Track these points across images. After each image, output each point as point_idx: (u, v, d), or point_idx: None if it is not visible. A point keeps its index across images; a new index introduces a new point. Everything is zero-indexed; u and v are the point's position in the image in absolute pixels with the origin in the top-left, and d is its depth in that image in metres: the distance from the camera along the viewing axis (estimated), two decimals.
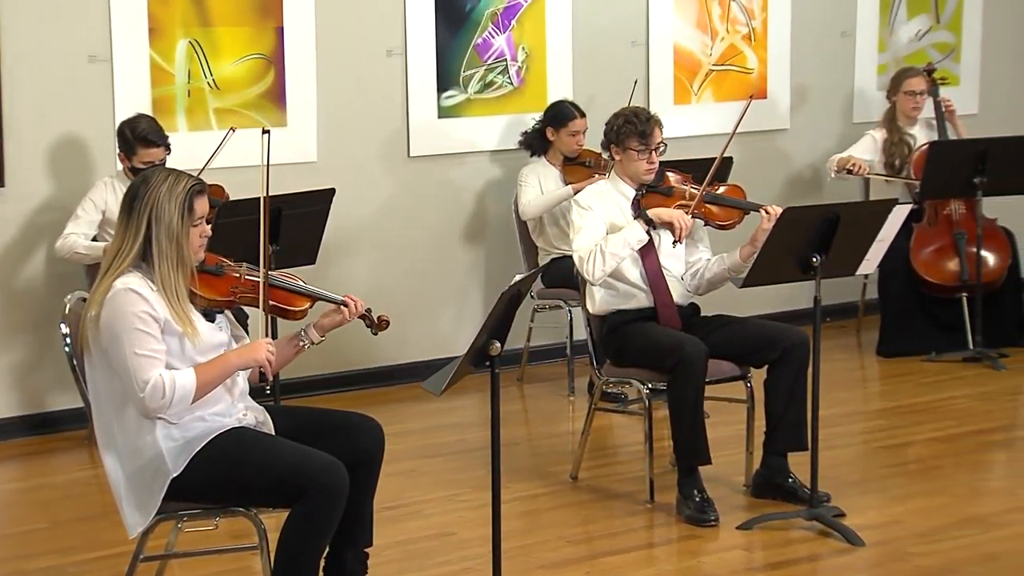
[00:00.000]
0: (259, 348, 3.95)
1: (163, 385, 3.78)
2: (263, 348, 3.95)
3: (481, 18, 7.12)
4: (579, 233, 5.33)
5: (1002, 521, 5.02)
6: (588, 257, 5.25)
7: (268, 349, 3.95)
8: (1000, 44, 8.53)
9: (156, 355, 3.81)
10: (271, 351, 3.96)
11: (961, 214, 7.35)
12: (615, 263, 5.25)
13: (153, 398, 3.78)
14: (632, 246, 5.25)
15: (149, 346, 3.80)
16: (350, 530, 4.10)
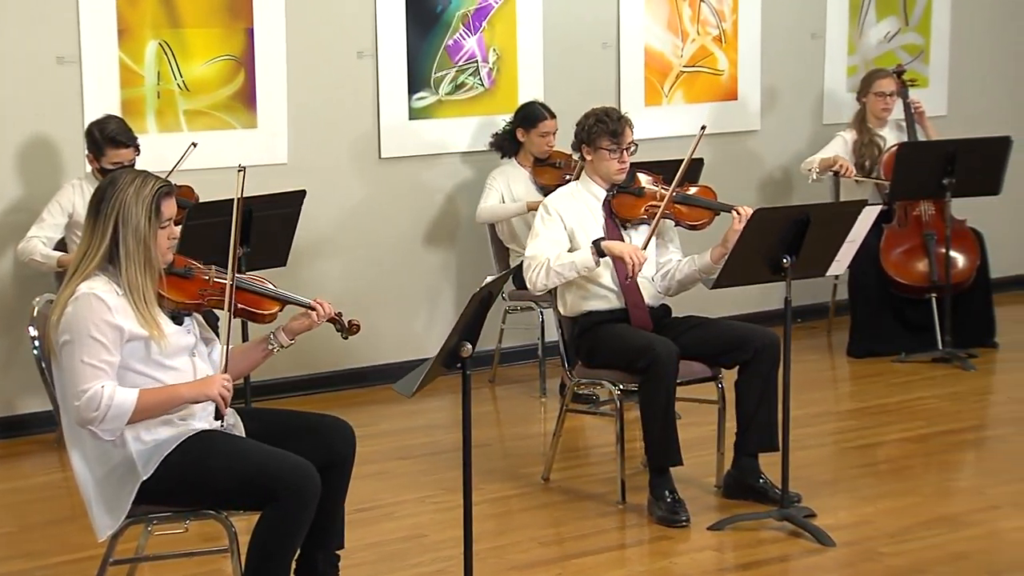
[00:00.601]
0: (212, 383, 3.88)
1: (100, 398, 3.74)
2: (217, 383, 3.87)
3: (452, 20, 7.11)
4: (535, 239, 5.35)
5: (971, 520, 5.04)
6: (534, 266, 5.26)
7: (223, 385, 3.87)
8: (968, 46, 8.58)
9: (102, 366, 3.78)
10: (226, 387, 3.88)
11: (931, 215, 7.38)
12: (558, 281, 5.28)
13: (87, 408, 3.75)
14: (578, 271, 5.25)
15: (99, 356, 3.77)
16: (321, 532, 4.08)
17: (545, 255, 5.26)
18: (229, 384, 3.90)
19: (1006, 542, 4.86)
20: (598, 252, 5.19)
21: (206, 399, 3.89)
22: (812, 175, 7.46)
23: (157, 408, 3.84)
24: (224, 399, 3.88)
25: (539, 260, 5.26)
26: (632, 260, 5.14)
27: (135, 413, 3.79)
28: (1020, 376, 7.04)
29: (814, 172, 7.44)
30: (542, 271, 5.24)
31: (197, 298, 4.01)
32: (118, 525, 3.88)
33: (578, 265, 5.22)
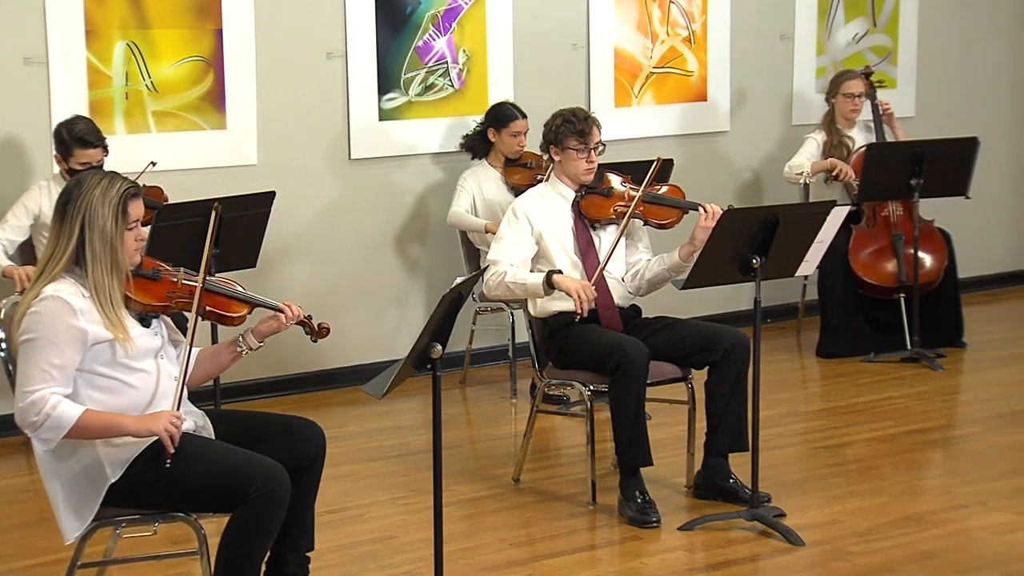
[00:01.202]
0: (159, 420, 3.80)
1: (44, 405, 3.72)
2: (163, 420, 3.80)
3: (422, 21, 7.10)
4: (498, 242, 5.36)
5: (939, 519, 5.07)
6: (493, 273, 5.27)
7: (171, 422, 3.79)
8: (936, 47, 8.62)
9: (53, 372, 3.75)
10: (174, 424, 3.80)
11: (899, 216, 7.42)
12: (508, 296, 5.32)
13: (28, 412, 3.73)
14: (528, 294, 5.28)
15: (52, 361, 3.75)
16: (291, 534, 4.08)
17: (506, 262, 5.27)
18: (179, 421, 3.82)
19: (973, 541, 4.89)
20: (548, 285, 5.19)
21: (150, 434, 3.81)
22: (803, 180, 7.44)
23: (97, 432, 3.79)
24: (171, 436, 3.79)
25: (499, 269, 5.27)
26: (581, 297, 5.12)
27: (74, 429, 3.74)
28: (988, 376, 7.09)
29: (805, 177, 7.42)
30: (498, 281, 5.26)
31: (165, 300, 3.99)
32: (86, 528, 3.86)
33: (528, 288, 5.24)
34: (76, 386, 3.82)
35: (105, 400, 3.85)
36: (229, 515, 3.87)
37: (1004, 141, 8.84)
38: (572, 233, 5.39)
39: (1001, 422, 6.24)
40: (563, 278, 5.21)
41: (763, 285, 4.95)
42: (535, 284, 5.21)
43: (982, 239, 8.72)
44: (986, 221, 8.77)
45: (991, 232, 8.88)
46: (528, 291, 5.25)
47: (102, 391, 3.85)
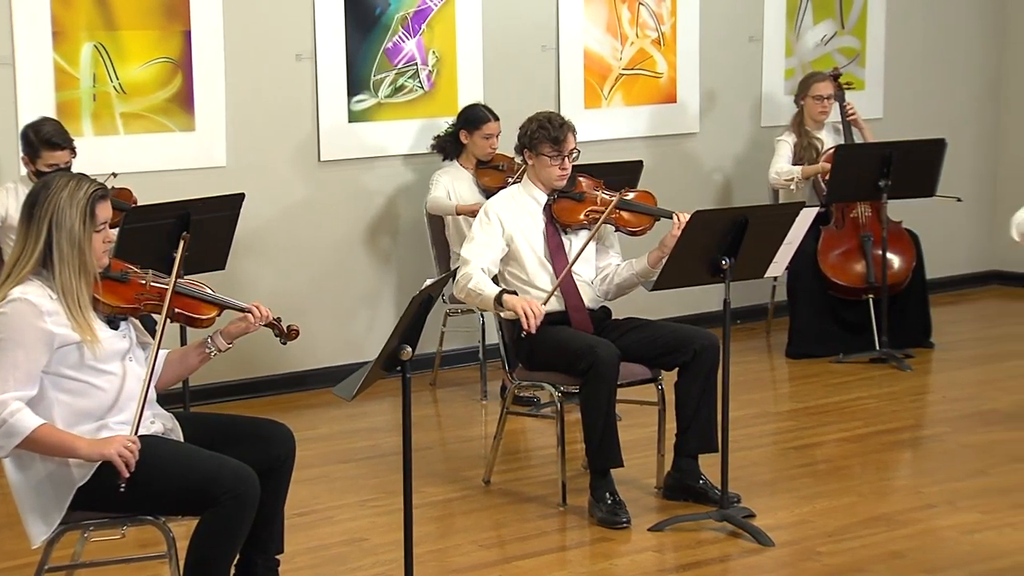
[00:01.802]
0: (111, 444, 3.75)
1: (3, 410, 3.68)
2: (116, 444, 3.74)
3: (391, 22, 7.10)
4: (470, 241, 5.37)
5: (907, 519, 5.10)
6: (462, 274, 5.28)
7: (124, 446, 3.74)
8: (903, 50, 8.66)
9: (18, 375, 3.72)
10: (129, 448, 3.74)
11: (867, 217, 7.45)
12: (467, 301, 5.33)
13: None
14: (483, 306, 5.32)
15: (18, 363, 3.73)
16: (261, 537, 4.06)
17: (476, 264, 5.27)
18: (133, 446, 3.76)
19: (941, 540, 4.92)
20: (499, 303, 5.18)
21: (101, 458, 3.75)
22: (793, 185, 7.42)
23: (48, 449, 3.75)
24: (125, 461, 3.74)
25: (467, 271, 5.26)
26: (528, 315, 5.08)
27: (26, 441, 3.71)
28: (955, 376, 7.13)
29: (797, 183, 7.41)
30: (463, 284, 5.26)
31: (133, 303, 3.98)
32: (53, 532, 3.84)
33: (483, 300, 5.24)
34: (42, 387, 3.80)
35: (71, 402, 3.83)
36: (198, 518, 3.85)
37: (970, 143, 8.90)
38: (543, 236, 5.39)
39: (969, 422, 6.28)
40: (511, 298, 5.18)
41: (732, 286, 4.96)
42: (488, 297, 5.21)
43: (949, 240, 8.77)
44: (953, 222, 8.82)
45: (958, 233, 8.93)
46: (483, 302, 5.26)
47: (69, 393, 3.83)
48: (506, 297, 5.18)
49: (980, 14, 8.94)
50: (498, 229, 5.35)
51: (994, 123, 9.06)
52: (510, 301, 5.16)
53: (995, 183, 9.07)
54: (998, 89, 9.04)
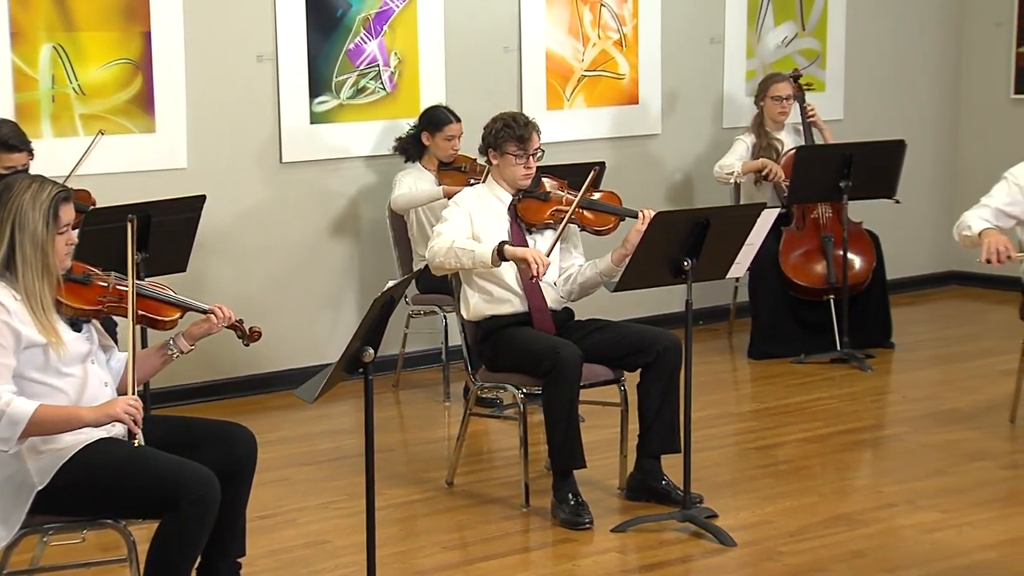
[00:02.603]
0: (115, 404, 3.79)
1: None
2: (120, 404, 3.79)
3: (353, 23, 7.08)
4: (444, 222, 5.35)
5: (868, 519, 5.13)
6: (438, 241, 5.23)
7: (129, 403, 3.78)
8: (864, 51, 8.72)
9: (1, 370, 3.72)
10: (133, 406, 3.78)
11: (828, 218, 7.49)
12: (454, 263, 5.21)
13: None
14: (474, 262, 5.20)
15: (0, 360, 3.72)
16: (222, 540, 4.05)
17: (450, 235, 5.25)
18: (137, 404, 3.80)
19: (901, 539, 4.95)
20: (500, 255, 5.17)
21: (110, 420, 3.80)
22: (733, 180, 7.49)
23: (54, 426, 3.76)
24: (134, 418, 3.78)
25: (445, 237, 5.24)
26: (536, 262, 5.10)
27: (30, 425, 3.71)
28: (915, 376, 7.17)
29: (735, 177, 7.48)
30: (446, 247, 5.20)
31: (96, 304, 3.97)
32: (12, 536, 3.82)
33: (476, 257, 5.18)
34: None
35: None
36: (159, 521, 3.84)
37: (930, 144, 8.96)
38: (508, 236, 5.39)
39: (929, 422, 6.32)
40: (514, 248, 5.16)
41: (694, 287, 4.98)
42: (483, 252, 5.15)
43: (909, 241, 8.83)
44: (913, 223, 8.88)
45: (918, 234, 8.99)
46: (476, 259, 5.18)
47: (32, 396, 3.80)
48: (509, 248, 5.15)
49: (939, 17, 9.01)
50: (468, 218, 5.35)
51: (953, 125, 9.13)
52: (517, 251, 5.13)
53: (954, 184, 9.14)
54: (957, 91, 9.11)
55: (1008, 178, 5.86)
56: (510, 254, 5.15)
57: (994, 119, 8.91)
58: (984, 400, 6.57)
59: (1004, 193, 5.79)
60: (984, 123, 8.99)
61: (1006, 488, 5.46)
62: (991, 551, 4.80)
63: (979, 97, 9.03)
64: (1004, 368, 6.73)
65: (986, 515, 5.13)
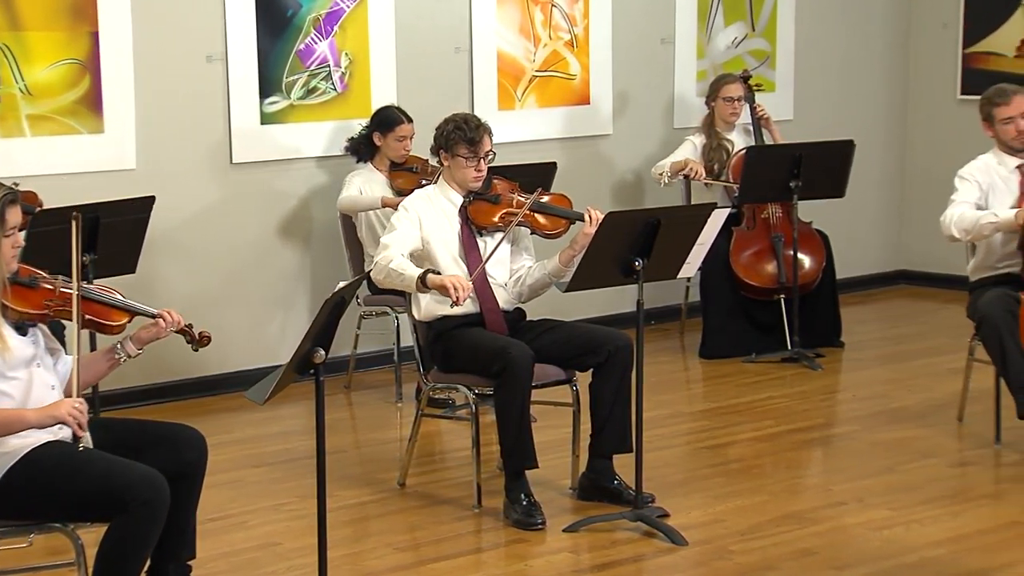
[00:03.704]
0: (60, 405, 3.78)
1: None
2: (65, 405, 3.77)
3: (303, 23, 7.05)
4: (391, 231, 5.34)
5: (818, 517, 5.16)
6: (381, 257, 5.23)
7: (74, 407, 3.77)
8: (813, 52, 8.77)
9: None
10: (77, 408, 3.77)
11: (778, 218, 7.53)
12: (387, 282, 5.23)
13: None
14: (405, 287, 5.21)
15: None
16: (172, 543, 4.03)
17: (396, 248, 5.24)
18: (81, 406, 3.78)
19: (850, 537, 4.98)
20: (422, 284, 5.14)
21: (54, 422, 3.78)
22: (664, 179, 7.57)
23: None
24: (78, 421, 3.76)
25: (388, 254, 5.23)
26: (456, 288, 5.07)
27: None
28: (865, 374, 7.22)
29: (665, 177, 7.55)
30: (385, 265, 5.20)
31: (42, 308, 3.94)
32: None
33: (405, 280, 5.18)
34: None
35: None
36: (107, 524, 3.81)
37: (879, 144, 9.02)
38: (458, 238, 5.39)
39: (878, 420, 6.37)
40: (435, 276, 5.16)
41: (646, 287, 5.00)
42: (411, 278, 5.16)
43: (858, 240, 8.89)
44: (862, 222, 8.95)
45: (867, 233, 9.06)
46: (404, 283, 5.19)
47: None
48: (431, 276, 5.15)
49: (887, 18, 9.07)
50: (416, 223, 5.34)
51: (901, 125, 9.20)
52: (436, 279, 5.13)
53: (903, 184, 9.21)
54: (905, 92, 9.18)
55: (965, 176, 5.98)
56: (432, 283, 5.13)
57: (941, 120, 8.98)
58: (932, 398, 6.63)
59: (968, 191, 5.93)
60: (932, 124, 9.06)
61: (954, 485, 5.51)
62: (939, 548, 4.84)
63: (927, 98, 9.10)
64: (952, 367, 6.79)
65: (934, 512, 5.17)
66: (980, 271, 6.03)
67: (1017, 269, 5.85)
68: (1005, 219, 5.75)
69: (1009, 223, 5.73)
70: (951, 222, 5.85)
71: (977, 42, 8.79)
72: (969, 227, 5.81)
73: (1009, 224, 5.73)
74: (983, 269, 6.02)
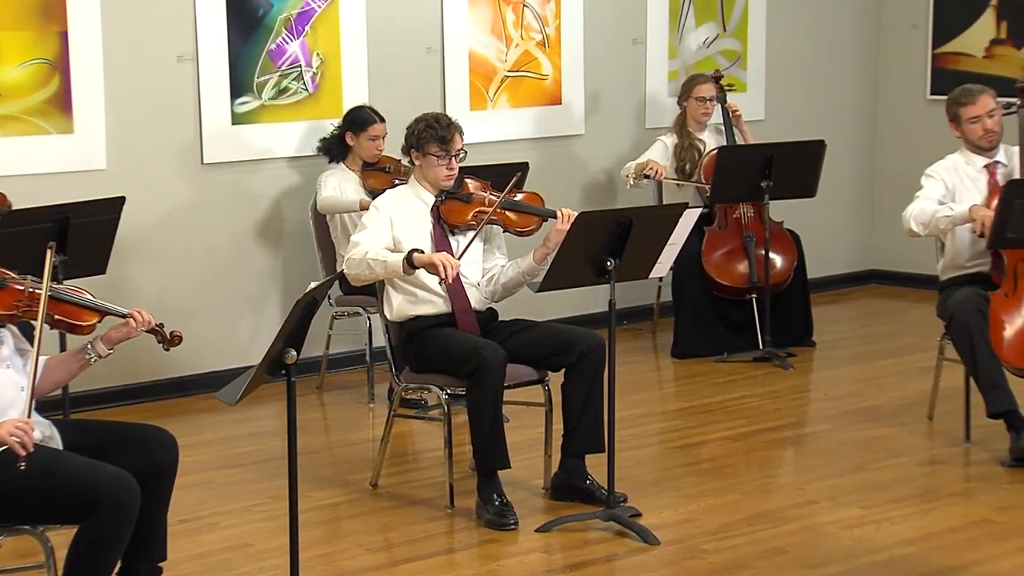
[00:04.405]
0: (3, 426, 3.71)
1: None
2: (8, 427, 3.70)
3: (274, 24, 7.04)
4: (362, 230, 5.33)
5: (789, 516, 5.17)
6: (353, 252, 5.22)
7: (17, 427, 3.70)
8: (784, 52, 8.79)
9: None
10: (21, 428, 3.70)
11: (750, 217, 7.55)
12: (367, 274, 5.23)
13: None
14: (388, 272, 5.21)
15: None
16: (143, 544, 4.02)
17: (366, 245, 5.24)
18: (25, 426, 3.71)
19: (822, 535, 5.00)
20: (409, 264, 5.16)
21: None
22: (630, 181, 7.58)
23: None
24: (21, 442, 3.69)
25: (361, 248, 5.23)
26: (444, 265, 5.10)
27: None
28: (836, 374, 7.25)
29: (631, 178, 7.57)
30: (359, 258, 5.20)
31: (11, 309, 3.92)
32: None
33: (388, 266, 5.18)
34: None
35: None
36: (77, 527, 3.79)
37: (849, 144, 9.06)
38: (431, 237, 5.39)
39: (849, 419, 6.39)
40: (421, 255, 5.17)
41: (618, 287, 5.01)
42: (395, 262, 5.15)
43: (829, 240, 8.92)
44: (833, 222, 8.98)
45: (838, 233, 9.09)
46: (388, 268, 5.18)
47: None
48: (417, 255, 5.15)
49: (858, 19, 9.11)
50: (388, 222, 5.34)
51: (872, 125, 9.24)
52: (423, 257, 5.14)
53: (873, 184, 9.25)
54: (875, 92, 9.22)
55: (932, 175, 6.03)
56: (419, 261, 5.14)
57: (911, 120, 9.02)
58: (903, 397, 6.66)
59: (933, 188, 5.99)
60: (902, 124, 9.11)
61: (924, 484, 5.54)
62: (910, 546, 4.87)
63: (897, 98, 9.14)
64: (922, 365, 6.82)
65: (905, 511, 5.20)
66: (950, 270, 6.07)
67: (987, 268, 5.89)
68: (959, 212, 5.80)
69: (963, 216, 5.79)
70: (911, 216, 5.92)
71: (946, 43, 8.83)
72: (927, 220, 5.87)
73: (963, 217, 5.79)
74: (953, 268, 6.05)
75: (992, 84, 6.26)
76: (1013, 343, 5.64)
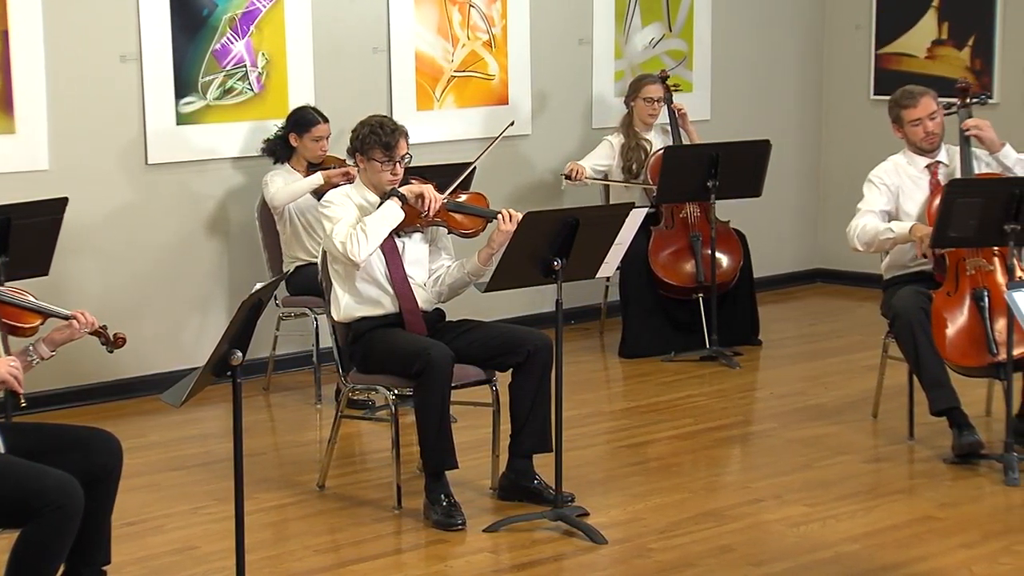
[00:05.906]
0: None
1: None
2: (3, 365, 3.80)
3: (219, 23, 6.99)
4: (336, 223, 5.28)
5: (736, 514, 5.20)
6: (349, 239, 5.19)
7: (10, 363, 3.79)
8: (729, 52, 8.84)
9: None
10: (14, 365, 3.80)
11: (696, 217, 7.58)
12: (377, 240, 5.20)
13: None
14: (390, 223, 5.21)
15: None
16: (87, 548, 3.99)
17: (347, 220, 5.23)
18: (17, 363, 3.81)
19: (768, 533, 5.03)
20: (400, 198, 5.20)
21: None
22: (563, 183, 7.62)
23: None
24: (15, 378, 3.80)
25: (348, 232, 5.19)
26: (429, 196, 5.22)
27: None
28: (782, 372, 7.29)
29: (564, 182, 7.61)
30: (360, 237, 5.16)
31: None
32: None
33: (388, 216, 5.20)
34: None
35: None
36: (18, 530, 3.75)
37: (794, 144, 9.11)
38: None
39: (795, 417, 6.43)
40: (409, 187, 5.28)
41: (565, 287, 5.01)
42: (390, 208, 5.22)
43: (775, 239, 8.97)
44: (779, 222, 9.03)
45: (784, 232, 9.15)
46: (388, 220, 5.20)
47: None
48: (403, 187, 5.25)
49: (801, 19, 9.16)
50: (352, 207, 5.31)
51: (816, 125, 9.30)
52: (412, 188, 5.27)
53: (818, 183, 9.31)
54: (820, 92, 9.28)
55: (873, 180, 6.06)
56: (407, 192, 5.25)
57: (855, 120, 9.09)
58: (848, 396, 6.71)
59: (876, 196, 6.02)
60: (845, 124, 9.17)
61: (869, 481, 5.58)
62: (854, 543, 4.91)
63: (840, 98, 9.21)
64: (867, 364, 6.87)
65: (850, 508, 5.24)
66: (893, 269, 6.12)
67: (929, 267, 5.94)
68: (900, 233, 5.88)
69: (904, 236, 5.86)
70: (854, 235, 5.99)
71: (889, 43, 8.91)
72: (870, 240, 5.95)
73: (904, 237, 5.87)
74: (896, 267, 6.11)
75: (934, 84, 6.32)
76: (955, 341, 5.69)
